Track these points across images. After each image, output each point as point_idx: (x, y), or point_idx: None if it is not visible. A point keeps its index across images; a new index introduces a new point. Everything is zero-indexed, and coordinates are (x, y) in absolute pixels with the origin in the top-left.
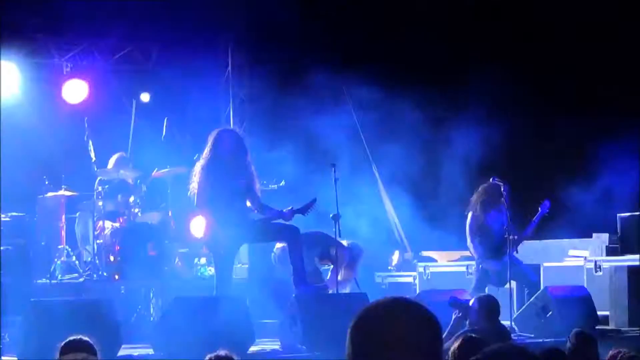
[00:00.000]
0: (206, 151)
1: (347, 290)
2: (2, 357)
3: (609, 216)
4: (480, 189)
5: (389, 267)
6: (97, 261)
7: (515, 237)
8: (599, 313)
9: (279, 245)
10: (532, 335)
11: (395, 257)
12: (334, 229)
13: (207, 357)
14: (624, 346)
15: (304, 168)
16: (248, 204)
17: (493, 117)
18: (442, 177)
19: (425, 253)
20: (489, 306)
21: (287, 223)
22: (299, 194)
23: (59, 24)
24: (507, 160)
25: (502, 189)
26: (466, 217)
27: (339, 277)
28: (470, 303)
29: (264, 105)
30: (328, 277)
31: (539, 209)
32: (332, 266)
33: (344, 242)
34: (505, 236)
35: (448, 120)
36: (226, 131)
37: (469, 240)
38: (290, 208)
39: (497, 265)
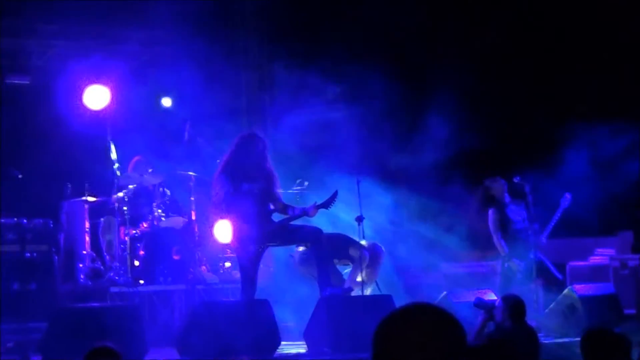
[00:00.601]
0: (227, 155)
1: (368, 291)
2: None
3: (635, 214)
4: (493, 184)
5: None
6: (122, 266)
7: (538, 233)
8: (625, 311)
9: (300, 248)
10: (559, 335)
11: None
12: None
13: None
14: None
15: (326, 170)
16: (271, 206)
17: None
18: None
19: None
20: (515, 306)
21: (310, 225)
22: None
23: (79, 29)
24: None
25: (517, 182)
26: (487, 215)
27: (359, 278)
28: (496, 303)
29: (285, 106)
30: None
31: (560, 202)
32: (351, 266)
33: (364, 243)
34: (528, 232)
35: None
36: (247, 135)
37: (494, 237)
38: (313, 204)
39: (521, 263)
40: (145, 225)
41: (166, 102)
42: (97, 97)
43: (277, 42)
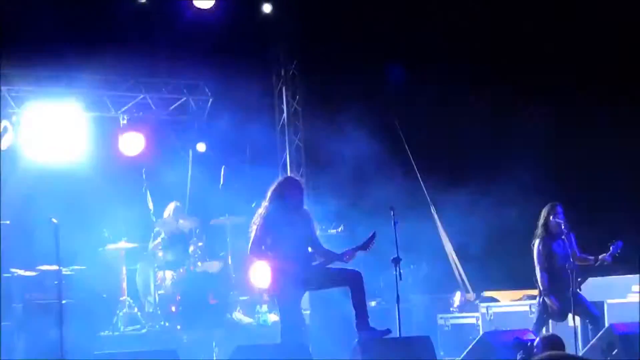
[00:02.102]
0: (267, 199)
1: None
2: None
3: None
4: (542, 216)
5: (451, 309)
6: (159, 312)
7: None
8: None
9: None
10: None
11: (457, 298)
12: (394, 272)
13: None
14: None
15: (361, 212)
16: (310, 249)
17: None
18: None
19: (487, 293)
20: (553, 345)
21: (349, 268)
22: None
23: (114, 78)
24: (578, 190)
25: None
26: (532, 247)
27: None
28: (535, 343)
29: (320, 149)
30: None
31: (610, 248)
32: None
33: None
34: (570, 268)
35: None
36: (288, 179)
37: (537, 270)
38: (350, 248)
39: (558, 300)
40: (181, 270)
41: (201, 147)
42: (132, 143)
43: (310, 83)
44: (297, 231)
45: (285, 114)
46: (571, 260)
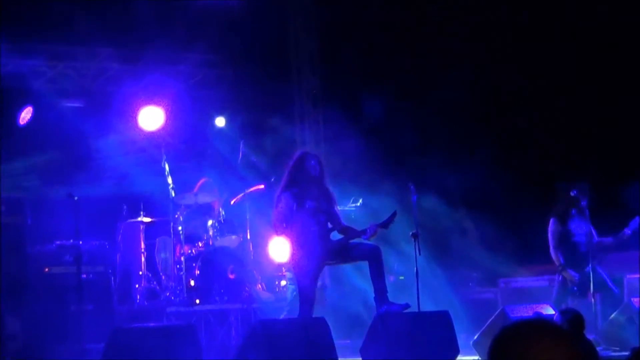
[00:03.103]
0: (287, 173)
1: None
2: None
3: None
4: (558, 193)
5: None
6: (178, 286)
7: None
8: None
9: None
10: (618, 349)
11: None
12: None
13: None
14: None
15: (380, 187)
16: (329, 225)
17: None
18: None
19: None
20: (573, 320)
21: (368, 242)
22: (378, 214)
23: (133, 52)
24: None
25: (583, 195)
26: (547, 224)
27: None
28: (554, 317)
29: (339, 126)
30: None
31: (629, 224)
32: None
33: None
34: (588, 245)
35: None
36: (305, 154)
37: (551, 248)
38: (371, 224)
39: (577, 275)
40: (200, 244)
41: (220, 121)
42: (151, 118)
43: (328, 61)
44: (316, 206)
45: (305, 90)
46: (588, 236)
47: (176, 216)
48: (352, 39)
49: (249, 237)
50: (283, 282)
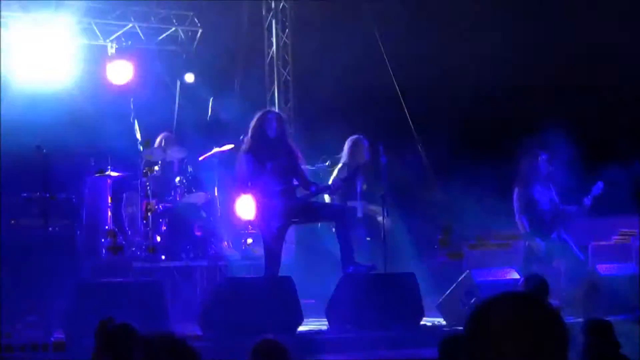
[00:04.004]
0: (249, 133)
1: None
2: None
3: None
4: (522, 162)
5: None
6: (144, 242)
7: (563, 214)
8: None
9: None
10: (582, 314)
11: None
12: (382, 209)
13: (255, 344)
14: None
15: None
16: (295, 182)
17: None
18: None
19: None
20: (538, 286)
21: (335, 203)
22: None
23: (103, 6)
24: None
25: (546, 162)
26: (512, 192)
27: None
28: (519, 282)
29: (308, 83)
30: None
31: (591, 189)
32: None
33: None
34: (553, 213)
35: None
36: (268, 112)
37: (516, 214)
38: (335, 179)
39: (543, 242)
40: (167, 200)
41: (189, 77)
42: (120, 72)
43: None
44: (280, 164)
45: (274, 47)
46: (553, 204)
47: (144, 171)
48: None
49: (216, 194)
50: (249, 240)
